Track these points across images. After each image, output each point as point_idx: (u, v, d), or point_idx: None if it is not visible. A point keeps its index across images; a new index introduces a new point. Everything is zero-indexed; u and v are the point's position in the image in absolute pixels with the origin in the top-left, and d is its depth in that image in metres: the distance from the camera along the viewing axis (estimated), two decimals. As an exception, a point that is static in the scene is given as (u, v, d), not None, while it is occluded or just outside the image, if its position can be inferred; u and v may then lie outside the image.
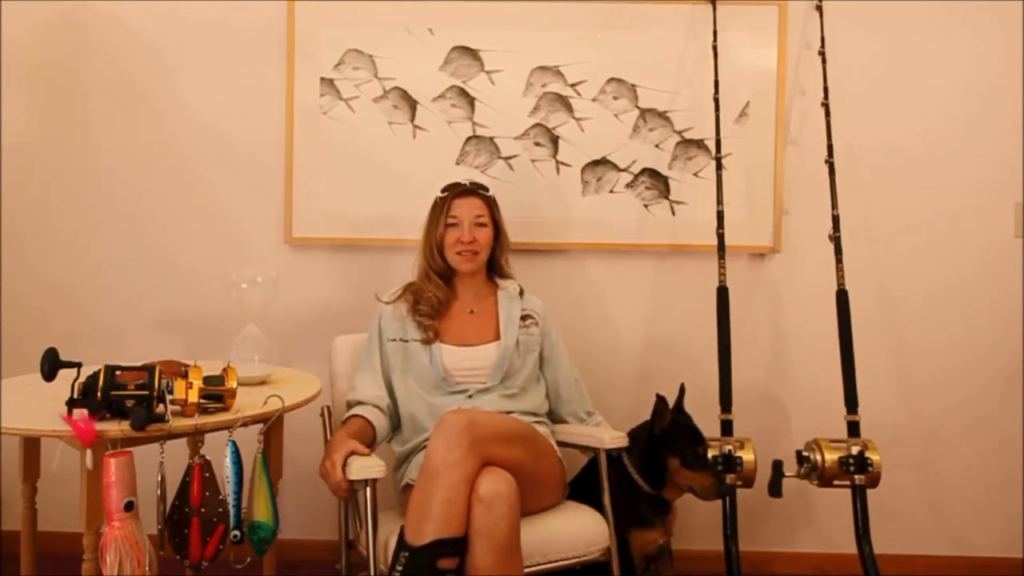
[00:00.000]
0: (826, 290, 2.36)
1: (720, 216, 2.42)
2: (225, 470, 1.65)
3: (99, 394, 1.54)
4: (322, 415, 2.04)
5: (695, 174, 2.57)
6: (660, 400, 2.12)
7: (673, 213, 2.58)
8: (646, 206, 2.59)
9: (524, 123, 2.57)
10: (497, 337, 2.08)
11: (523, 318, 2.12)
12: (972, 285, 2.60)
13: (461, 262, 2.08)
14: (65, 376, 1.58)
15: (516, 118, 2.57)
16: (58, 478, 1.68)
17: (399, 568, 1.64)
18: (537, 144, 2.58)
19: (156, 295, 2.62)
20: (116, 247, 2.62)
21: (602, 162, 2.58)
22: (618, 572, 1.94)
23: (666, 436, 2.11)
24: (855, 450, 2.21)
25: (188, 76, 2.60)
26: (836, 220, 2.35)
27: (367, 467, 1.71)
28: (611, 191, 2.58)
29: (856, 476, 2.21)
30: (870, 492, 2.24)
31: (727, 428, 2.32)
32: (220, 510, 1.64)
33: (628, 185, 2.58)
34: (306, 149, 2.57)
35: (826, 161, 2.38)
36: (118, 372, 1.57)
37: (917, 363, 2.61)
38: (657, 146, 2.57)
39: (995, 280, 2.59)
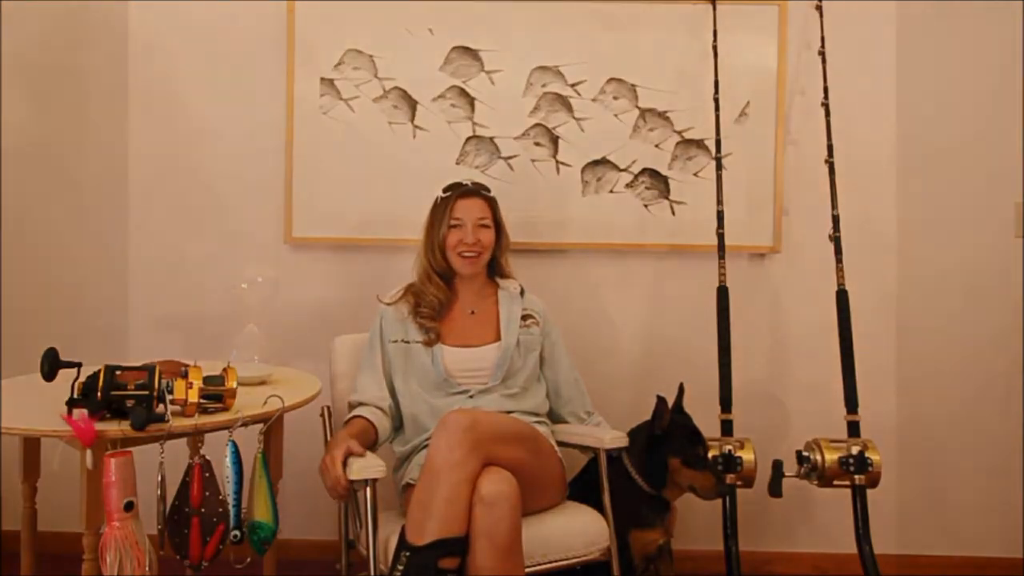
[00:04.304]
0: (826, 290, 2.36)
1: (720, 216, 2.42)
2: (225, 470, 1.65)
3: (99, 394, 1.54)
4: (322, 415, 2.04)
5: (695, 174, 2.57)
6: (660, 400, 2.12)
7: (673, 213, 2.58)
8: (646, 206, 2.59)
9: (524, 123, 2.57)
10: (498, 337, 2.08)
11: (524, 318, 2.12)
12: (972, 285, 2.60)
13: (463, 264, 2.08)
14: (65, 376, 1.58)
15: (516, 118, 2.57)
16: (58, 478, 1.68)
17: (400, 567, 1.64)
18: (537, 144, 2.58)
19: (156, 295, 2.62)
20: (116, 247, 2.62)
21: (602, 162, 2.58)
22: (618, 572, 1.94)
23: (666, 436, 2.11)
24: (855, 450, 2.21)
25: (188, 76, 2.60)
26: (836, 220, 2.35)
27: (367, 467, 1.71)
28: (611, 191, 2.58)
29: (856, 476, 2.21)
30: (870, 492, 2.24)
31: (727, 428, 2.32)
32: (220, 510, 1.64)
33: (628, 185, 2.58)
34: (306, 149, 2.57)
35: (826, 161, 2.38)
36: (118, 372, 1.57)
37: (917, 363, 2.61)
38: (657, 146, 2.57)
39: (995, 280, 2.59)
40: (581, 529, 1.90)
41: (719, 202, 2.43)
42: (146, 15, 2.59)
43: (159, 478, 1.60)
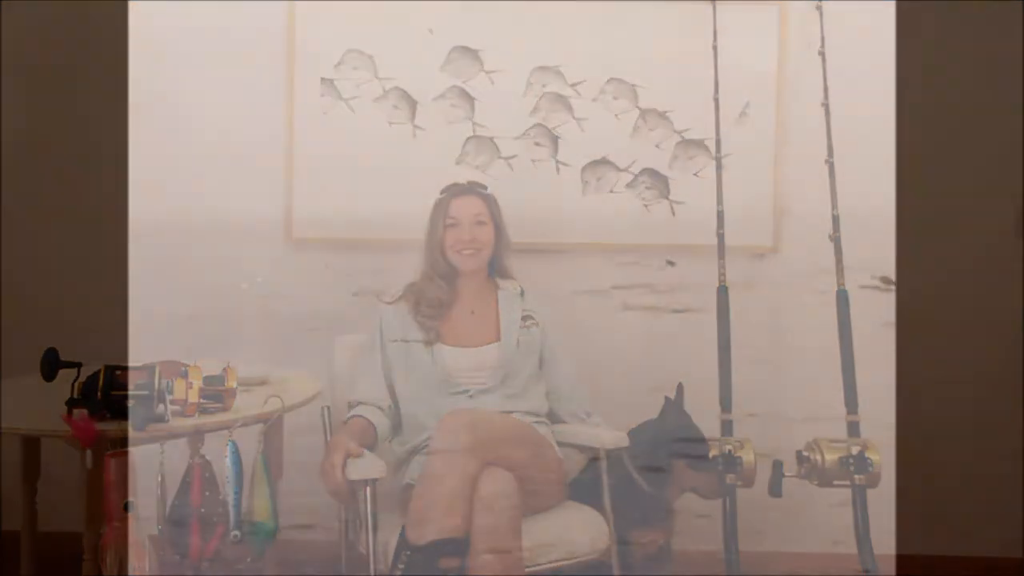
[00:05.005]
0: (826, 290, 2.35)
1: (720, 216, 2.42)
2: (225, 470, 1.65)
3: (99, 394, 1.54)
4: (322, 415, 2.04)
5: (695, 174, 2.57)
6: (669, 402, 2.13)
7: (673, 213, 2.59)
8: (646, 206, 2.59)
9: (524, 123, 2.57)
10: (498, 338, 2.08)
11: (524, 318, 2.12)
12: (972, 285, 2.60)
13: (463, 260, 2.08)
14: (65, 376, 1.58)
15: (516, 118, 2.56)
16: (58, 478, 1.68)
17: (400, 567, 1.64)
18: (537, 144, 2.57)
19: (156, 295, 2.62)
20: (116, 247, 2.62)
21: (602, 162, 2.58)
22: (618, 572, 1.94)
23: (668, 436, 2.11)
24: (855, 450, 2.21)
25: (188, 76, 2.60)
26: (836, 220, 2.34)
27: (367, 467, 1.72)
28: (611, 191, 2.58)
29: (856, 476, 2.21)
30: (870, 492, 2.24)
31: (727, 428, 2.32)
32: (220, 510, 1.64)
33: (628, 185, 2.58)
34: (306, 149, 2.57)
35: (826, 161, 2.38)
36: (118, 372, 1.58)
37: (917, 363, 2.60)
38: (657, 146, 2.57)
39: (995, 280, 2.59)
40: (581, 529, 1.91)
41: (719, 202, 2.42)
42: (146, 15, 2.59)
43: (159, 478, 1.60)
